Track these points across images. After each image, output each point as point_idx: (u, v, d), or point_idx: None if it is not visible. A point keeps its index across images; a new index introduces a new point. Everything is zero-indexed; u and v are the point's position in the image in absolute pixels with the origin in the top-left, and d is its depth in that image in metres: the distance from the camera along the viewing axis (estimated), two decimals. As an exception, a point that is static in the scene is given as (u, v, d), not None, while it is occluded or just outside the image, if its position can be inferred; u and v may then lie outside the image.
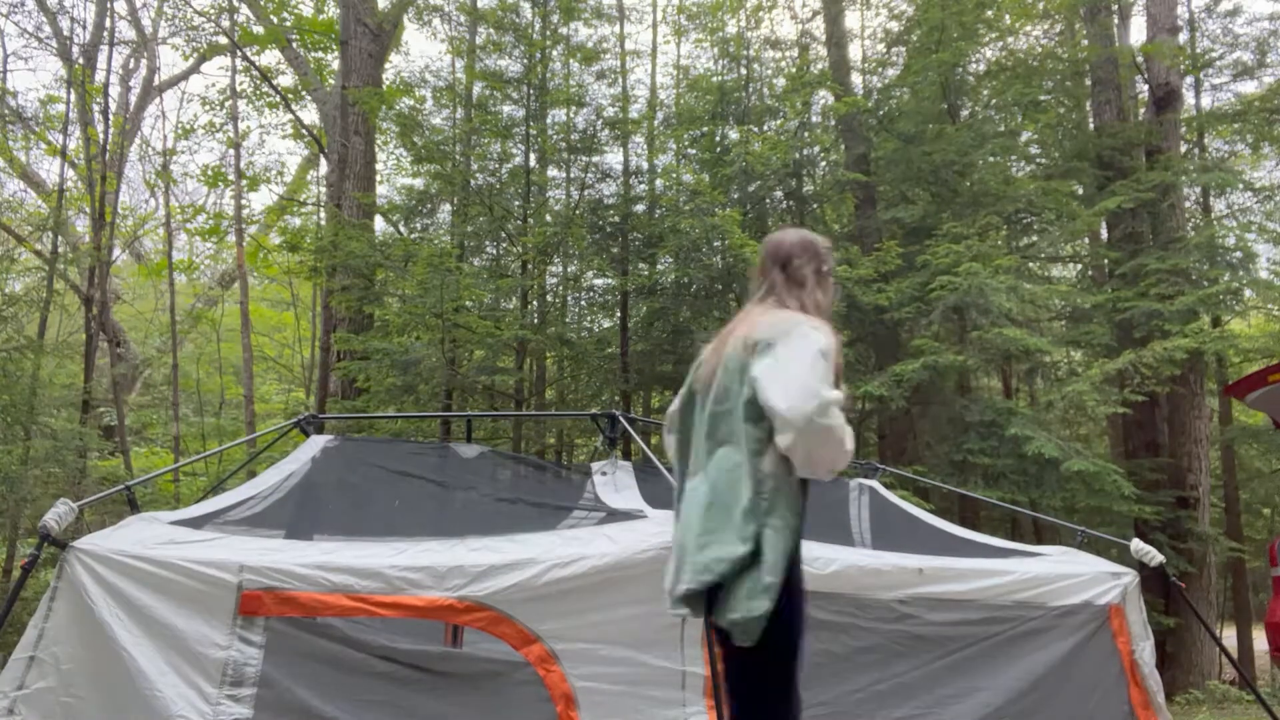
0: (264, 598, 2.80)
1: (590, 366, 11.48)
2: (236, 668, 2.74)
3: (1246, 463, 12.11)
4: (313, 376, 14.16)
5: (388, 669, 2.87)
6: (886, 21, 12.36)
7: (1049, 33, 11.63)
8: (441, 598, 2.86)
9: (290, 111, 15.17)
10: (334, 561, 2.90)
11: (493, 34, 11.20)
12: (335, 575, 2.85)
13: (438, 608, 2.86)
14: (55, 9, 13.66)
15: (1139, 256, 9.47)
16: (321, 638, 2.84)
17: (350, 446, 4.56)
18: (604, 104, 11.62)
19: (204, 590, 2.80)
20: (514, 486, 4.75)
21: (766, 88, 11.93)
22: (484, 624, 2.87)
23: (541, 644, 2.88)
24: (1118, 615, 3.67)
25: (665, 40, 14.26)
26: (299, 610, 2.81)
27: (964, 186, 9.90)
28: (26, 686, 2.72)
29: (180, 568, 2.82)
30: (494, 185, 11.25)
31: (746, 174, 10.09)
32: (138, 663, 2.70)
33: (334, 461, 4.32)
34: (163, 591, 2.79)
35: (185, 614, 2.77)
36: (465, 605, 2.86)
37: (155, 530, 3.11)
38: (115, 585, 2.80)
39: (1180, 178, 10.14)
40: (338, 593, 2.82)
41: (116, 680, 2.71)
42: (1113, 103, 10.88)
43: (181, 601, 2.79)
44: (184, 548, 2.92)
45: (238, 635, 2.76)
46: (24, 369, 10.17)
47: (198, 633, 2.76)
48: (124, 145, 13.83)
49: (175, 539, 2.99)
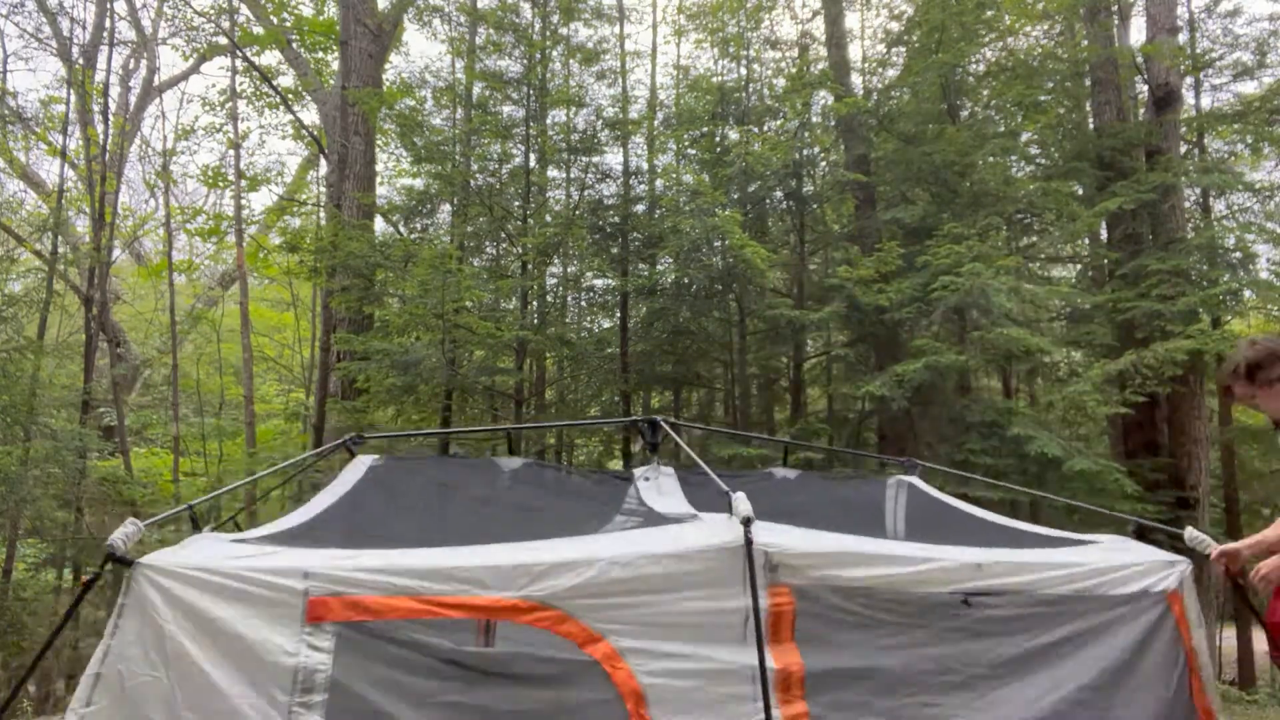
0: (331, 603, 2.81)
1: (590, 367, 11.48)
2: (307, 674, 2.75)
3: (1246, 463, 12.12)
4: (312, 377, 14.16)
5: (456, 672, 2.88)
6: (886, 22, 12.38)
7: (1049, 33, 11.63)
8: (506, 598, 2.88)
9: (290, 112, 15.18)
10: (399, 564, 2.92)
11: (493, 34, 11.20)
12: (400, 578, 2.87)
13: (503, 608, 2.87)
14: (55, 9, 13.67)
15: (1139, 257, 9.48)
16: (389, 641, 2.85)
17: (397, 464, 4.63)
18: (604, 104, 11.64)
19: (271, 598, 2.81)
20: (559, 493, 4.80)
21: (766, 88, 11.93)
22: (549, 623, 2.88)
23: (607, 642, 2.89)
24: (1177, 601, 3.64)
25: (665, 40, 14.31)
26: (366, 614, 2.82)
27: (964, 187, 9.90)
28: (94, 703, 2.73)
29: (246, 578, 2.83)
30: (494, 185, 11.26)
31: (746, 174, 10.10)
32: (208, 675, 2.73)
33: (383, 479, 4.40)
34: (230, 602, 2.81)
35: (253, 624, 2.79)
36: (530, 605, 2.88)
37: (219, 547, 3.13)
38: (182, 599, 2.81)
39: (1180, 178, 10.14)
40: (403, 595, 2.85)
41: (186, 694, 2.73)
42: (1113, 103, 10.88)
43: (249, 611, 2.80)
44: (249, 560, 2.94)
45: (306, 642, 2.77)
46: (24, 369, 10.17)
47: (267, 641, 2.77)
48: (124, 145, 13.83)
49: (239, 554, 3.01)
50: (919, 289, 8.71)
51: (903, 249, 9.12)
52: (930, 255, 8.68)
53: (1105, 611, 3.47)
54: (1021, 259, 9.74)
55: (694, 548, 3.01)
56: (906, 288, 8.76)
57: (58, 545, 11.47)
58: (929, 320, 8.58)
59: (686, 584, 2.95)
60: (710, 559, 2.96)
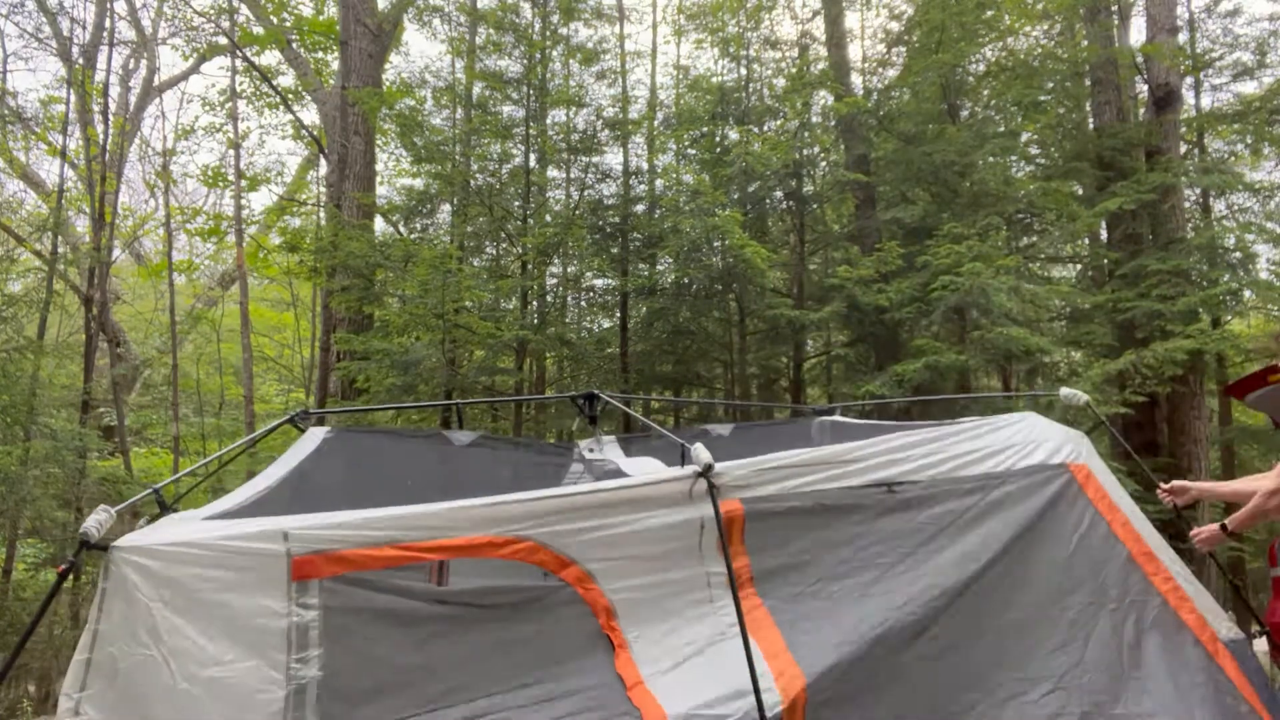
0: (315, 560, 2.92)
1: (590, 367, 11.47)
2: (300, 632, 2.84)
3: (1246, 463, 12.11)
4: (312, 377, 14.16)
5: (441, 610, 3.07)
6: (886, 22, 12.37)
7: (1049, 33, 11.63)
8: (480, 536, 3.08)
9: (290, 112, 15.18)
10: (373, 518, 3.06)
11: (493, 34, 11.20)
12: (377, 530, 3.01)
13: (478, 545, 3.07)
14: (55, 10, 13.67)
15: (1139, 257, 9.48)
16: (374, 590, 2.99)
17: (349, 436, 4.73)
18: (604, 104, 11.63)
19: (255, 563, 2.88)
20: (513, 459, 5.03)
21: (766, 88, 11.93)
22: (523, 554, 3.10)
23: (577, 566, 3.15)
24: (1080, 471, 3.92)
25: (665, 40, 14.30)
26: (349, 566, 2.94)
27: (964, 187, 9.90)
28: (89, 687, 2.77)
29: (227, 547, 2.90)
30: (494, 185, 11.25)
31: (746, 174, 10.09)
32: (203, 647, 2.79)
33: (335, 450, 4.49)
34: (213, 572, 2.87)
35: (240, 591, 2.85)
36: (504, 539, 3.09)
37: (190, 524, 3.21)
38: (164, 576, 2.86)
39: (1180, 178, 10.14)
40: (383, 545, 2.99)
41: (181, 667, 2.78)
42: (1112, 103, 10.88)
43: (234, 579, 2.86)
44: (224, 529, 3.02)
45: (295, 601, 2.85)
46: (24, 369, 10.17)
47: (256, 606, 2.84)
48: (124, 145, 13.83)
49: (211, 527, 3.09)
50: (919, 289, 8.71)
51: (903, 249, 9.12)
52: (930, 255, 8.68)
53: (1012, 483, 3.81)
54: (1021, 259, 9.74)
55: (651, 478, 3.39)
56: (906, 288, 8.76)
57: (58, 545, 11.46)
58: (929, 320, 8.58)
59: (646, 509, 3.27)
60: (669, 488, 3.31)
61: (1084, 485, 3.88)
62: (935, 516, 3.65)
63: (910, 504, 3.65)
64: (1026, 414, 4.28)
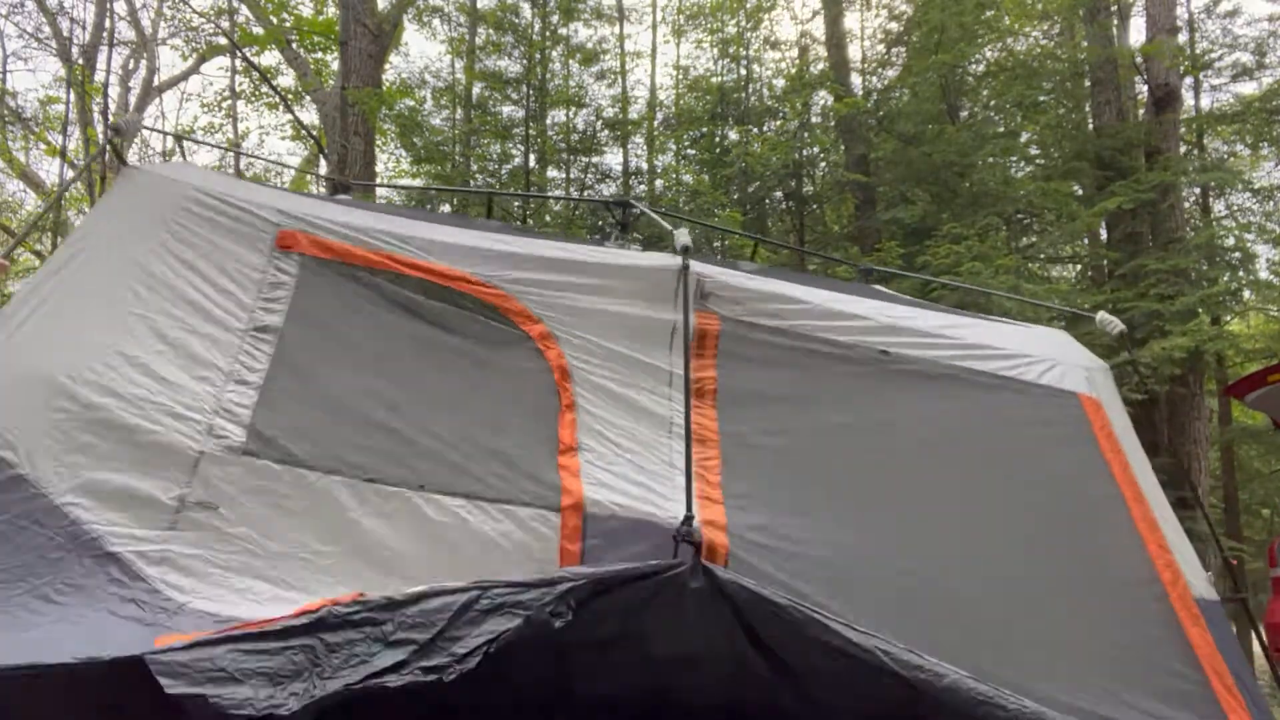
0: (299, 236, 3.15)
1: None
2: (272, 285, 3.07)
3: (1246, 463, 12.12)
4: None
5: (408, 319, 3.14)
6: (886, 22, 12.38)
7: (1049, 33, 11.64)
8: (458, 269, 3.21)
9: (290, 112, 15.16)
10: (363, 223, 3.26)
11: (492, 34, 11.21)
12: (364, 234, 3.21)
13: (456, 278, 3.19)
14: (55, 10, 13.67)
15: (1139, 257, 9.47)
16: (350, 279, 3.14)
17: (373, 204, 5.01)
18: (604, 104, 11.64)
19: (244, 223, 3.15)
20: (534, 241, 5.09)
21: (766, 88, 11.95)
22: (495, 300, 3.21)
23: (544, 325, 3.20)
24: (1091, 405, 3.63)
25: (665, 41, 14.27)
26: (329, 253, 3.16)
27: (964, 187, 9.90)
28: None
29: (225, 198, 3.19)
30: (494, 186, 11.25)
31: (746, 174, 10.10)
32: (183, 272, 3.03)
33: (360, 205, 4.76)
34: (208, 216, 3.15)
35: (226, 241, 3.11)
36: (481, 280, 3.20)
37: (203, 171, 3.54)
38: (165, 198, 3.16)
39: (1180, 178, 10.14)
40: (365, 247, 3.19)
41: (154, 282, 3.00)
42: (1112, 103, 10.88)
43: (225, 229, 3.14)
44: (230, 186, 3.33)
45: (274, 263, 3.10)
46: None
47: (238, 255, 3.10)
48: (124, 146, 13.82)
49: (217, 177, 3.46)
50: (919, 289, 8.71)
51: (902, 249, 9.12)
52: (930, 255, 8.69)
53: (1017, 397, 3.52)
54: (1021, 259, 9.74)
55: (637, 264, 3.36)
56: (906, 288, 8.77)
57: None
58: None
59: (625, 293, 3.27)
60: (650, 276, 3.29)
61: (1092, 419, 3.59)
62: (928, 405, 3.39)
63: (905, 377, 3.40)
64: (1057, 331, 4.09)
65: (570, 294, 3.25)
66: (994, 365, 3.57)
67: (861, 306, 3.60)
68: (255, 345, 2.95)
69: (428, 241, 3.26)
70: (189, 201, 3.15)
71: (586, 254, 3.42)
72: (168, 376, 2.82)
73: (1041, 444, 3.49)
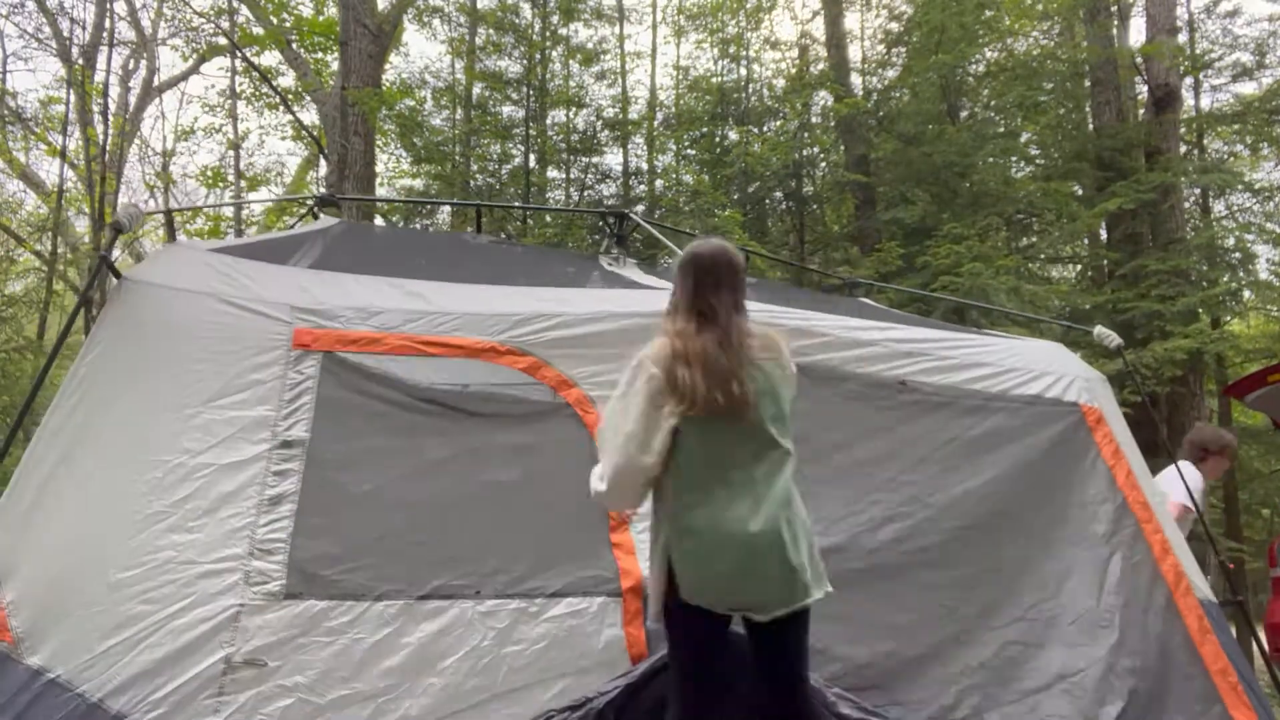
0: (316, 334, 2.99)
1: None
2: (292, 391, 2.90)
3: (1246, 463, 12.10)
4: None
5: (435, 410, 2.99)
6: (886, 22, 12.38)
7: (1049, 34, 11.64)
8: (486, 340, 3.05)
9: (290, 112, 15.15)
10: (381, 304, 3.08)
11: (492, 35, 11.21)
12: (382, 316, 3.05)
13: (482, 349, 3.05)
14: (55, 10, 13.66)
15: (1139, 257, 9.47)
16: (371, 375, 2.98)
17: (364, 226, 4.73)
18: (604, 105, 11.64)
19: (255, 326, 2.98)
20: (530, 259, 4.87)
21: (766, 88, 11.95)
22: (525, 367, 3.08)
23: (579, 389, 3.09)
24: (1091, 414, 3.72)
25: (665, 41, 14.28)
26: (349, 346, 2.99)
27: (964, 187, 9.90)
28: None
29: (232, 300, 3.01)
30: (494, 185, 11.25)
31: (746, 175, 10.10)
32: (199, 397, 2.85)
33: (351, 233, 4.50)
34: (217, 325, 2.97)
35: (240, 349, 2.95)
36: (507, 349, 3.06)
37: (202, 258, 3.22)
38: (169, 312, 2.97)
39: (1180, 178, 10.13)
40: (385, 331, 3.03)
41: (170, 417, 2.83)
42: (1112, 103, 10.88)
43: (236, 338, 2.97)
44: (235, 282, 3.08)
45: (292, 367, 2.94)
46: (24, 369, 10.17)
47: (254, 364, 2.93)
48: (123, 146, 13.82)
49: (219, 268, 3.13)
50: (919, 289, 8.71)
51: (903, 249, 9.12)
52: (930, 255, 8.68)
53: (1022, 411, 3.61)
54: (1021, 259, 9.74)
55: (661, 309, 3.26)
56: (906, 288, 8.77)
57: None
58: (929, 320, 8.58)
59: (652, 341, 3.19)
60: None
61: (1094, 429, 3.68)
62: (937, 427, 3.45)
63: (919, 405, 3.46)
64: (1054, 344, 4.14)
65: (600, 351, 3.12)
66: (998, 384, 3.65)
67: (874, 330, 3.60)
68: (283, 462, 2.81)
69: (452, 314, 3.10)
70: (197, 310, 2.97)
71: (617, 302, 3.29)
72: (194, 527, 2.68)
73: (1048, 458, 3.57)
